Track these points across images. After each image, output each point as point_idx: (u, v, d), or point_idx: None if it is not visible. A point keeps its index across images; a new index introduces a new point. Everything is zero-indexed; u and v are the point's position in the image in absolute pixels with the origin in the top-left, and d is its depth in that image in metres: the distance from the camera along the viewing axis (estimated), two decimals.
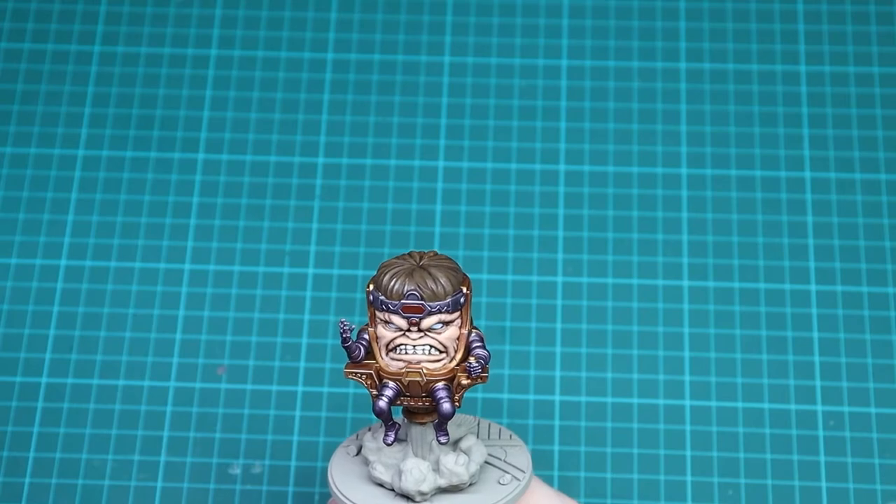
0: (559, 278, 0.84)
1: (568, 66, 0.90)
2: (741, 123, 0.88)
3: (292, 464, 0.79)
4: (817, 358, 0.81)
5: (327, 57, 0.91)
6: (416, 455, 0.65)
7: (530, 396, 0.80)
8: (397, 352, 0.62)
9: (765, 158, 0.87)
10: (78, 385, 0.81)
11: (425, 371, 0.62)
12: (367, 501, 0.64)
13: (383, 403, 0.62)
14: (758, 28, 0.91)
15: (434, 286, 0.61)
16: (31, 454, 0.79)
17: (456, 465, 0.64)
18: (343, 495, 0.65)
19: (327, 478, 0.66)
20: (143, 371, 0.81)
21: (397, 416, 0.65)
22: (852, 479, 0.78)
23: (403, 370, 0.62)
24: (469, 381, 0.62)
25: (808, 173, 0.86)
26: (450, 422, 0.64)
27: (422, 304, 0.61)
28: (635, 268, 0.84)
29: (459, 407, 0.63)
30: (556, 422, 0.79)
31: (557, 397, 0.80)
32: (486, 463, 0.66)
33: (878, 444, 0.79)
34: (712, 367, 0.81)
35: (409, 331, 0.62)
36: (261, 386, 0.81)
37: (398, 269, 0.62)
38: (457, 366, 0.63)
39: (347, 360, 0.64)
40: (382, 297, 0.62)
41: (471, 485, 0.65)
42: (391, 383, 0.62)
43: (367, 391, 0.64)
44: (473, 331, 0.63)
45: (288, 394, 0.80)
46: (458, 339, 0.63)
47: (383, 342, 0.63)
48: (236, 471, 0.79)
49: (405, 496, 0.64)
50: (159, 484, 0.78)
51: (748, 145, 0.87)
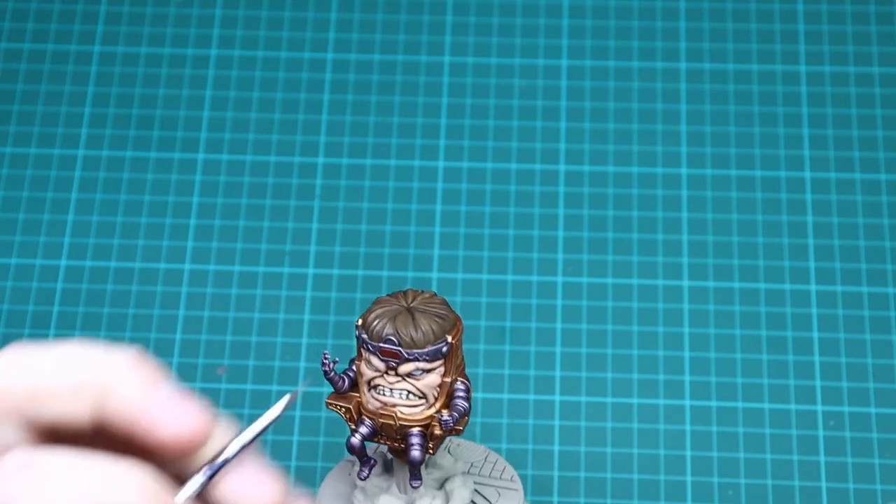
0: (559, 278, 0.84)
1: (568, 66, 0.90)
2: (741, 123, 0.88)
3: (292, 464, 0.79)
4: (817, 358, 0.81)
5: (327, 57, 0.91)
6: (399, 489, 0.65)
7: (530, 396, 0.80)
8: (376, 391, 0.61)
9: (765, 158, 0.87)
10: None
11: (399, 415, 0.61)
12: None
13: (356, 440, 0.62)
14: (758, 28, 0.91)
15: (414, 333, 0.60)
16: None
17: None
18: None
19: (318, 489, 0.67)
20: None
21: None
22: (852, 479, 0.78)
23: (379, 410, 0.61)
24: (441, 432, 0.61)
25: (808, 173, 0.86)
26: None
27: (398, 349, 0.60)
28: (635, 268, 0.84)
29: (433, 454, 0.62)
30: (556, 422, 0.79)
31: (557, 397, 0.80)
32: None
33: (878, 444, 0.79)
34: (712, 367, 0.81)
35: (386, 373, 0.61)
36: (261, 386, 0.81)
37: (384, 309, 0.61)
38: (435, 413, 0.61)
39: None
40: (364, 336, 0.61)
41: None
42: (367, 421, 0.62)
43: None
44: (460, 380, 0.62)
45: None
46: (438, 386, 0.61)
47: (365, 378, 0.62)
48: None
49: None
50: None
51: (748, 145, 0.87)
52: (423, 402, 0.61)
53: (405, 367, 0.60)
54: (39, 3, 0.92)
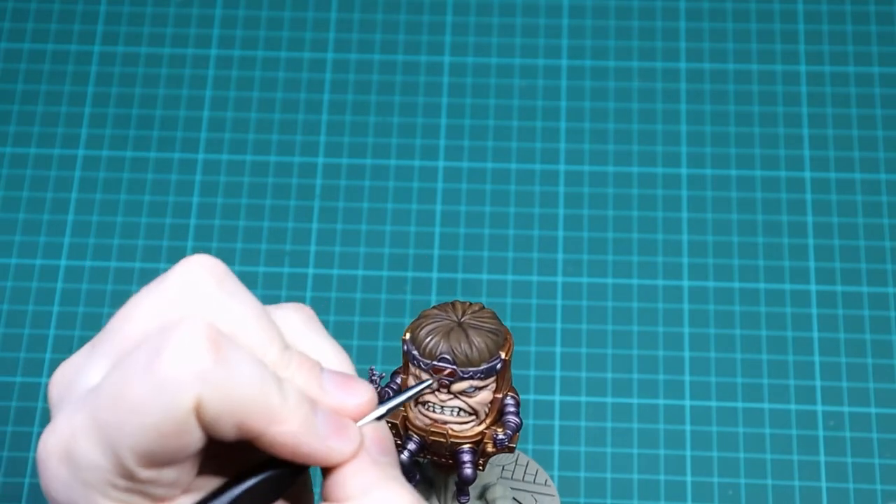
0: (559, 278, 0.84)
1: (568, 66, 0.90)
2: (741, 123, 0.88)
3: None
4: (817, 358, 0.81)
5: (327, 57, 0.91)
6: (438, 500, 0.63)
7: (530, 396, 0.80)
8: (426, 407, 0.59)
9: (765, 158, 0.87)
10: None
11: (450, 432, 0.59)
12: None
13: (404, 457, 0.60)
14: (758, 28, 0.91)
15: (469, 351, 0.58)
16: (32, 454, 0.79)
17: None
18: None
19: None
20: None
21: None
22: (852, 479, 0.78)
23: (429, 427, 0.59)
24: (494, 450, 0.60)
25: (808, 173, 0.86)
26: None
27: (454, 368, 0.58)
28: (635, 268, 0.84)
29: (483, 471, 0.61)
30: (556, 422, 0.79)
31: (557, 397, 0.80)
32: None
33: (878, 444, 0.79)
34: (712, 367, 0.81)
35: (438, 390, 0.59)
36: None
37: (436, 325, 0.59)
38: (486, 429, 0.59)
39: None
40: (416, 352, 0.58)
41: None
42: (415, 437, 0.60)
43: None
44: (510, 394, 0.60)
45: None
46: (490, 402, 0.59)
47: None
48: None
49: None
50: None
51: (748, 145, 0.87)
52: (473, 418, 0.59)
53: (458, 386, 0.58)
54: (39, 3, 0.92)
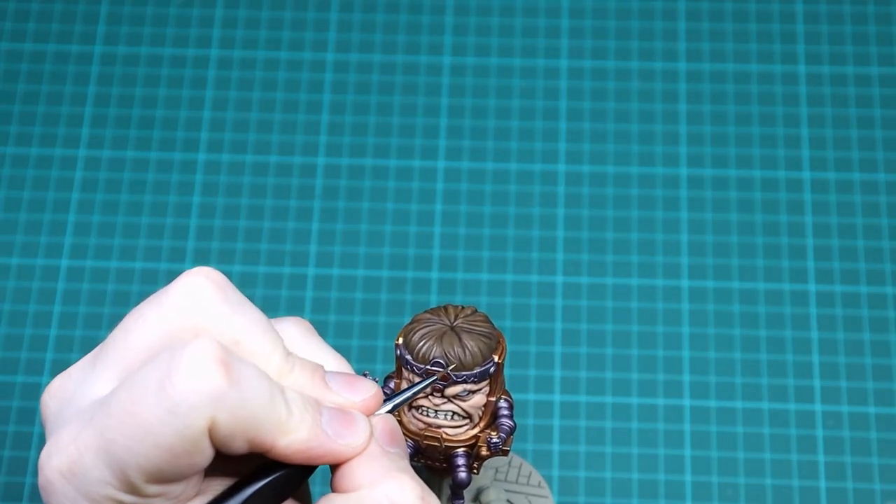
0: (559, 278, 0.84)
1: (568, 66, 0.90)
2: (740, 123, 0.88)
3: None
4: (816, 358, 0.81)
5: (327, 57, 0.91)
6: None
7: (530, 396, 0.80)
8: (419, 411, 0.59)
9: (764, 158, 0.87)
10: None
11: (444, 436, 0.59)
12: None
13: None
14: (757, 28, 0.91)
15: (462, 355, 0.58)
16: (33, 454, 0.79)
17: None
18: None
19: None
20: None
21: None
22: (851, 478, 0.78)
23: (423, 431, 0.59)
24: (488, 453, 0.60)
25: (807, 173, 0.86)
26: None
27: (447, 372, 0.58)
28: (635, 268, 0.84)
29: (477, 474, 0.61)
30: (556, 422, 0.80)
31: (557, 397, 0.80)
32: None
33: (876, 443, 0.79)
34: (711, 367, 0.81)
35: (431, 394, 0.59)
36: None
37: (429, 329, 0.59)
38: (479, 433, 0.59)
39: None
40: (408, 357, 0.58)
41: None
42: (409, 441, 0.60)
43: None
44: (503, 398, 0.60)
45: None
46: (483, 405, 0.59)
47: None
48: None
49: None
50: None
51: (747, 145, 0.87)
52: (467, 422, 0.59)
53: (452, 389, 0.58)
54: (41, 3, 0.92)
